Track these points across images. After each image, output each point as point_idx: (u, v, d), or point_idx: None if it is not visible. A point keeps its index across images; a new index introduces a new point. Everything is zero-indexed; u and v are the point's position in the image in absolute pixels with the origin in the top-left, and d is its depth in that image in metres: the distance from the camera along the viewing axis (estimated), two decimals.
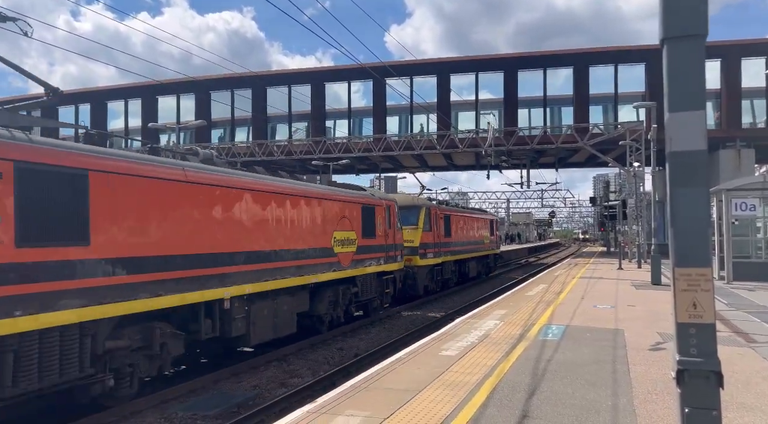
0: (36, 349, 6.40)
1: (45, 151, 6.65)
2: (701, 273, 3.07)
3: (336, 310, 13.84)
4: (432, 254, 21.10)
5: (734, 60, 36.19)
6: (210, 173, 9.39)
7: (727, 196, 18.74)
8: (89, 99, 49.16)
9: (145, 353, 8.07)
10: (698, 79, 3.05)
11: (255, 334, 10.20)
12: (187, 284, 8.50)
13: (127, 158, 7.92)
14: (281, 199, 11.23)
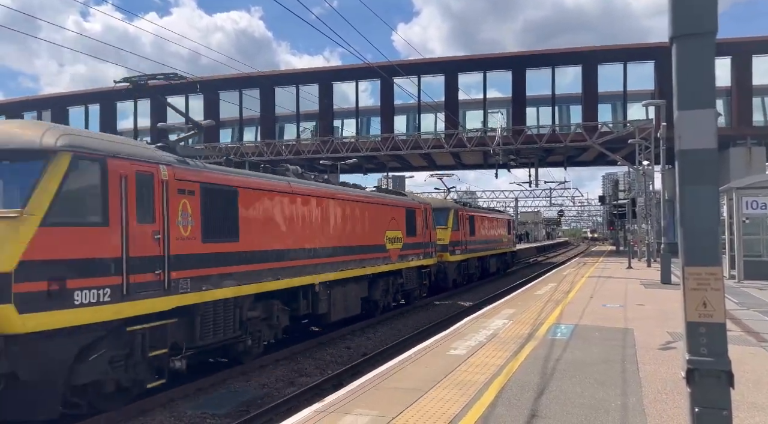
0: (211, 314, 8.87)
1: (215, 176, 9.20)
2: (711, 272, 3.05)
3: (387, 297, 16.32)
4: (459, 251, 23.42)
5: (745, 57, 35.88)
6: (304, 185, 12.04)
7: (738, 195, 18.59)
8: (99, 99, 49.46)
9: (267, 322, 10.59)
10: (708, 76, 3.02)
11: (334, 313, 12.85)
12: (293, 272, 11.07)
13: (257, 176, 10.54)
14: (352, 204, 13.96)
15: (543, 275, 25.62)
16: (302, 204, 11.60)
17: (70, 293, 6.60)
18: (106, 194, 7.18)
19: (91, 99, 50.15)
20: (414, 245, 17.78)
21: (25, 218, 6.37)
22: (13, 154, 6.79)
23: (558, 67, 39.88)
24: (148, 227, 7.73)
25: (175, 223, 8.21)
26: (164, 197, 8.02)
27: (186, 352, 8.45)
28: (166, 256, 7.93)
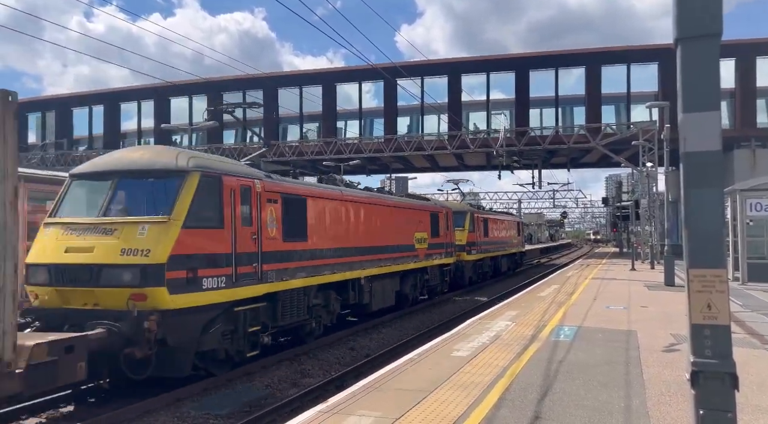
0: (288, 300, 10.88)
1: (291, 187, 11.43)
2: (716, 274, 3.05)
3: (415, 291, 18.21)
4: (475, 251, 25.48)
5: (749, 59, 35.81)
6: (352, 193, 14.29)
7: (742, 197, 18.55)
8: (103, 100, 49.60)
9: (326, 309, 12.63)
10: (713, 79, 3.03)
11: (374, 303, 14.90)
12: (346, 267, 13.10)
13: (319, 187, 12.86)
14: (388, 209, 16.08)
15: (546, 277, 25.59)
16: (351, 210, 13.77)
17: (200, 280, 8.53)
18: (221, 204, 9.17)
19: (96, 100, 50.28)
20: (437, 245, 19.68)
21: (172, 223, 8.27)
22: (157, 173, 8.82)
23: (561, 69, 39.87)
24: (248, 229, 9.74)
25: (265, 226, 10.22)
26: (258, 205, 10.08)
27: (270, 330, 10.51)
28: (260, 252, 9.95)
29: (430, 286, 19.51)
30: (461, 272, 23.73)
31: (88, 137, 50.13)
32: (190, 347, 8.52)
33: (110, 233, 8.23)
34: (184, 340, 8.36)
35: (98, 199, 8.73)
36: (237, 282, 9.22)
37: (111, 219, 8.43)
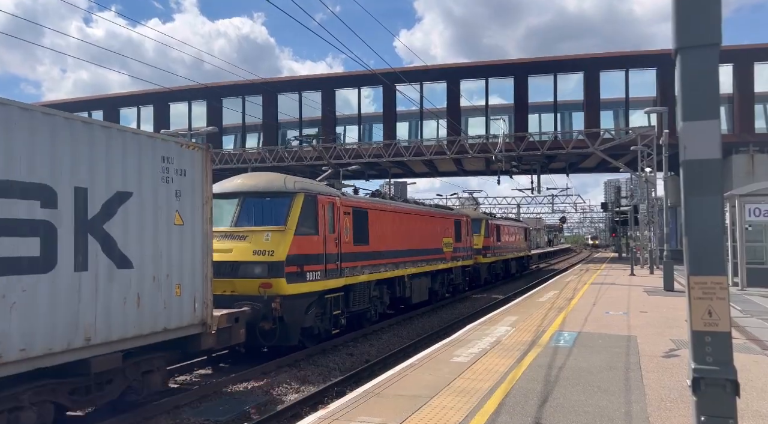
0: (357, 291, 13.92)
1: (357, 202, 14.43)
2: (716, 281, 3.06)
3: (443, 288, 21.34)
4: (490, 254, 28.73)
5: (746, 64, 35.94)
6: (397, 205, 17.39)
7: (741, 202, 18.58)
8: (102, 106, 49.66)
9: (380, 300, 15.75)
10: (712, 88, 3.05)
11: (414, 297, 17.95)
12: (394, 267, 16.18)
13: (375, 200, 16.33)
14: (424, 218, 19.22)
15: (546, 282, 25.60)
16: (398, 219, 16.88)
17: (306, 273, 11.53)
18: (317, 216, 12.17)
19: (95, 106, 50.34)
20: (460, 249, 22.81)
21: (287, 231, 11.31)
22: (273, 194, 11.88)
23: (560, 74, 39.99)
24: (332, 235, 12.68)
25: (343, 233, 13.13)
26: (338, 217, 12.98)
27: (345, 314, 13.40)
28: (340, 253, 12.91)
29: (454, 284, 22.68)
30: (478, 273, 26.72)
31: None
32: (298, 323, 11.44)
33: (243, 239, 11.24)
34: (295, 318, 11.27)
35: (230, 213, 11.63)
36: (327, 276, 12.32)
37: (243, 228, 11.38)
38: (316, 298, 11.94)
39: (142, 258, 7.57)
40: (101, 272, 6.97)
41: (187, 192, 8.49)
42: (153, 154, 7.88)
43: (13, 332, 5.91)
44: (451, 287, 22.37)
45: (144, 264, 7.59)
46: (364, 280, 14.15)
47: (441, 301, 21.04)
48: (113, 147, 7.24)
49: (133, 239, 7.45)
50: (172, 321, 8.00)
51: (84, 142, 6.86)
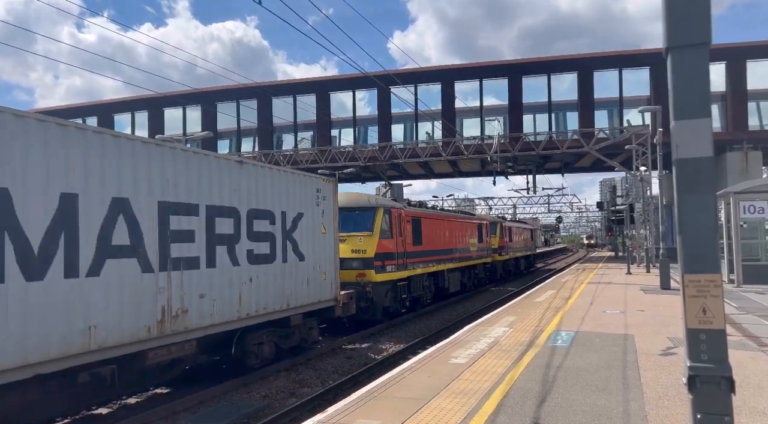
0: (414, 282, 18.25)
1: (414, 212, 19.09)
2: (710, 279, 3.08)
3: (470, 281, 25.73)
4: (504, 253, 33.06)
5: (739, 62, 36.11)
6: (439, 213, 22.64)
7: (735, 199, 18.66)
8: (96, 112, 49.54)
9: (429, 289, 19.88)
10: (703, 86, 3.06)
11: (450, 287, 22.28)
12: (438, 262, 20.49)
13: (423, 209, 20.82)
14: (457, 223, 23.88)
15: (543, 282, 25.63)
16: (440, 225, 21.39)
17: (386, 266, 15.95)
18: (391, 224, 16.68)
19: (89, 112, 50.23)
20: (482, 249, 27.40)
21: (374, 235, 15.70)
22: (362, 208, 16.26)
23: (554, 75, 40.10)
24: (400, 238, 17.15)
25: (406, 236, 17.69)
26: (403, 224, 17.52)
27: (408, 298, 17.82)
28: (405, 252, 17.35)
29: (478, 278, 27.06)
30: (495, 269, 31.03)
31: None
32: (382, 302, 15.82)
33: (344, 241, 14.78)
34: (380, 298, 15.72)
35: None
36: (398, 268, 16.79)
37: (343, 234, 14.89)
38: (391, 285, 16.49)
39: (309, 255, 11.79)
40: (292, 263, 11.20)
41: (327, 211, 12.76)
42: (312, 188, 12.21)
43: (254, 299, 9.97)
44: (475, 280, 26.69)
45: (310, 258, 11.80)
46: (420, 272, 18.76)
47: (468, 292, 25.28)
48: (297, 184, 11.67)
49: (304, 242, 11.66)
50: (322, 296, 12.26)
51: (286, 183, 11.29)
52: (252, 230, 10.09)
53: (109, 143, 7.44)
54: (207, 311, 8.87)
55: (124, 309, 7.43)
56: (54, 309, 6.54)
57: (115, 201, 7.44)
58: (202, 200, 8.97)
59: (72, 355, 6.72)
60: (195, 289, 8.66)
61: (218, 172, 9.37)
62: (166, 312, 8.08)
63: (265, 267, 10.28)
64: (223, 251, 9.34)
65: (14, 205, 6.25)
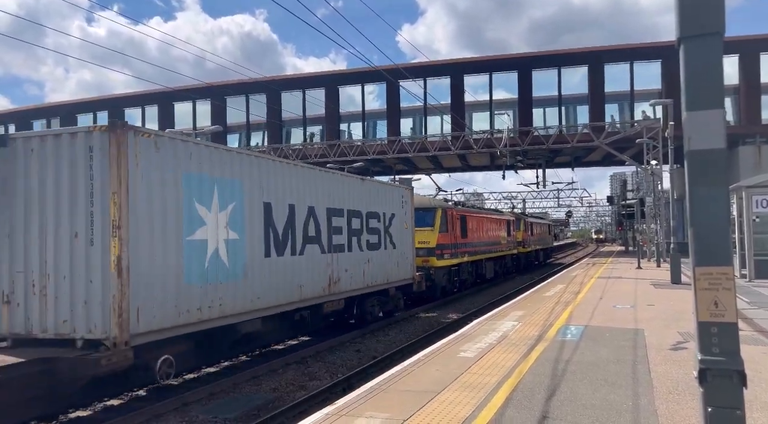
0: (463, 268, 23.32)
1: (461, 211, 23.96)
2: (722, 272, 3.05)
3: (502, 269, 30.22)
4: (526, 245, 36.96)
5: (753, 55, 35.67)
6: (478, 211, 27.67)
7: (748, 193, 18.47)
8: (107, 106, 49.78)
9: (471, 274, 24.63)
10: (716, 77, 3.02)
11: (487, 274, 26.49)
12: (478, 253, 25.00)
13: (468, 208, 26.99)
14: (492, 219, 28.15)
15: (552, 276, 25.54)
16: (479, 221, 25.84)
17: (444, 254, 20.50)
18: (446, 221, 20.93)
19: (100, 106, 50.48)
20: (509, 242, 31.74)
21: (435, 230, 20.22)
22: (426, 209, 20.46)
23: (564, 68, 39.80)
24: (453, 232, 21.29)
25: (456, 230, 21.60)
26: (454, 221, 21.42)
27: (457, 281, 22.25)
28: (456, 243, 21.39)
29: (506, 267, 31.17)
30: (519, 260, 34.75)
31: None
32: (440, 283, 20.29)
33: None
34: (439, 280, 20.05)
35: None
36: (452, 257, 21.28)
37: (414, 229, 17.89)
38: (447, 269, 21.05)
39: (398, 244, 16.07)
40: (389, 250, 15.49)
41: (407, 211, 17.01)
42: (399, 194, 16.69)
43: (370, 274, 14.30)
44: (504, 269, 30.71)
45: (398, 247, 16.10)
46: (466, 260, 23.26)
47: (499, 278, 29.33)
48: (391, 192, 16.20)
49: (395, 235, 15.96)
50: (405, 275, 16.56)
51: (385, 192, 15.73)
52: (369, 226, 14.50)
53: (307, 173, 12.02)
54: (349, 280, 13.33)
55: (313, 276, 11.82)
56: (285, 274, 10.89)
57: (309, 208, 11.83)
58: (344, 206, 13.33)
59: (293, 301, 11.14)
60: (343, 265, 13.06)
61: (352, 187, 13.88)
62: (332, 279, 12.61)
63: (376, 252, 14.74)
64: (355, 241, 13.74)
65: (273, 213, 10.60)
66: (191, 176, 8.65)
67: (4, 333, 7.79)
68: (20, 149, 7.90)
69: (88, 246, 7.49)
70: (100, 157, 7.51)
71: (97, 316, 7.36)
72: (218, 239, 9.16)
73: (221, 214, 9.27)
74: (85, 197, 7.54)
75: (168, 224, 8.18)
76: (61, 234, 7.63)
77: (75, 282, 7.51)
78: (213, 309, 8.87)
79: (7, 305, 7.78)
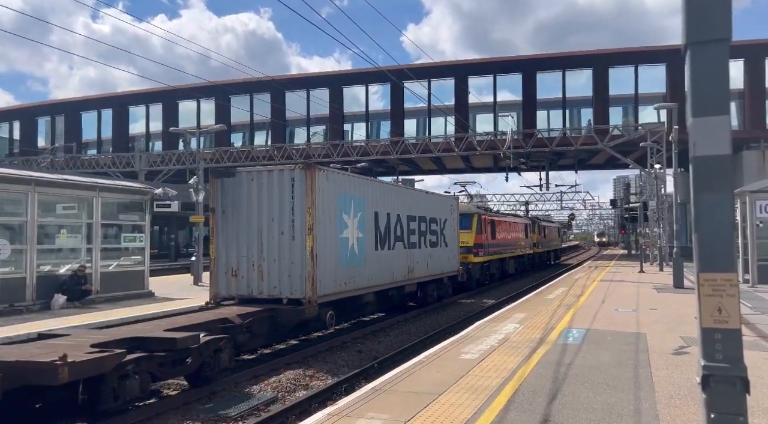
0: (492, 264, 27.55)
1: (490, 216, 28.04)
2: (726, 278, 3.05)
3: (519, 267, 33.54)
4: (540, 246, 40.50)
5: (758, 59, 35.62)
6: (502, 215, 33.40)
7: (752, 198, 18.44)
8: (112, 104, 49.88)
9: (498, 270, 28.69)
10: (722, 83, 3.02)
11: (509, 270, 30.63)
12: (503, 251, 29.31)
13: (493, 213, 31.61)
14: (513, 223, 32.08)
15: (554, 279, 25.52)
16: (504, 224, 29.41)
17: (479, 253, 24.74)
18: (481, 224, 25.10)
19: (104, 104, 50.60)
20: (527, 243, 35.47)
21: (472, 231, 24.42)
22: (465, 214, 23.73)
23: (568, 70, 39.79)
24: (485, 234, 25.50)
25: (487, 233, 25.86)
26: (486, 224, 25.82)
27: (487, 275, 26.50)
28: (488, 243, 25.78)
29: (524, 265, 34.77)
30: (533, 259, 38.28)
31: (97, 141, 50.49)
32: (476, 276, 23.94)
33: None
34: (475, 274, 23.84)
35: None
36: (484, 255, 25.10)
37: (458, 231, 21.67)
38: (480, 265, 24.94)
39: (449, 243, 20.00)
40: (443, 247, 19.43)
41: (455, 216, 20.88)
42: (449, 203, 20.89)
43: (431, 266, 18.38)
44: (521, 267, 34.26)
45: (449, 245, 20.00)
46: (495, 258, 27.39)
47: (517, 275, 32.55)
48: (444, 202, 20.43)
49: (447, 235, 19.79)
50: (453, 268, 20.50)
51: (440, 202, 19.99)
52: (431, 229, 18.55)
53: (395, 189, 17.11)
54: (419, 270, 17.48)
55: (399, 265, 16.09)
56: (385, 263, 15.12)
57: (397, 215, 15.95)
58: (416, 213, 17.44)
59: (388, 282, 15.43)
60: (416, 258, 17.19)
61: (420, 198, 18.25)
62: (410, 268, 16.85)
63: (435, 249, 18.83)
64: (423, 240, 17.81)
65: (378, 219, 14.77)
66: (341, 195, 12.97)
67: (233, 294, 12.16)
68: (244, 178, 12.22)
69: (290, 240, 11.83)
70: (299, 185, 11.78)
71: (297, 284, 11.72)
72: (353, 237, 13.46)
73: (354, 219, 13.51)
74: (288, 209, 11.84)
75: (332, 226, 12.49)
76: (272, 232, 11.94)
77: (281, 263, 11.87)
78: (350, 284, 13.29)
79: (235, 276, 12.18)
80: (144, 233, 17.29)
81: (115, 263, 16.73)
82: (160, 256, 46.02)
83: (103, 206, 15.89)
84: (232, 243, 12.17)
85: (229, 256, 12.24)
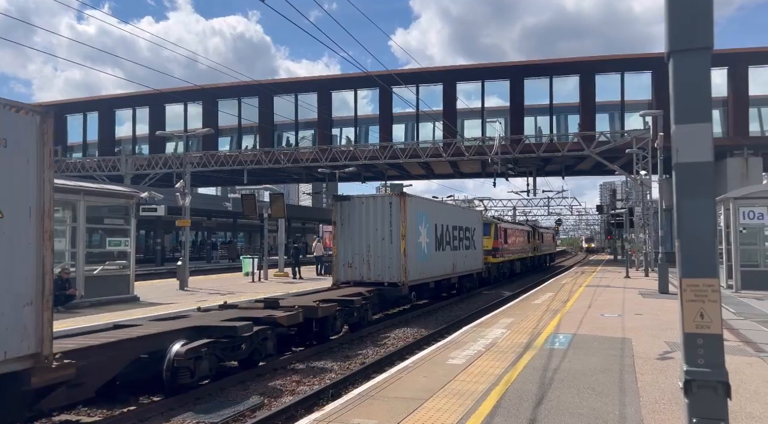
0: (505, 265, 32.65)
1: (504, 224, 34.61)
2: (708, 283, 3.08)
3: (527, 268, 39.18)
4: (538, 250, 45.03)
5: (742, 68, 36.12)
6: (511, 223, 41.71)
7: (735, 205, 18.67)
8: (98, 107, 49.45)
9: (509, 269, 33.74)
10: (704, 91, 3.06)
11: (517, 270, 35.91)
12: (513, 255, 34.69)
13: (508, 223, 38.91)
14: (520, 230, 38.52)
15: (541, 284, 25.64)
16: (513, 231, 35.01)
17: (496, 255, 30.12)
18: (497, 231, 30.59)
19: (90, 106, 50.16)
20: (528, 247, 39.90)
21: (491, 237, 29.58)
22: (486, 224, 29.20)
23: (556, 77, 40.09)
24: (500, 240, 30.98)
25: (501, 238, 31.23)
26: (501, 231, 31.21)
27: (501, 274, 31.34)
28: (502, 247, 31.28)
29: (526, 267, 39.10)
30: (533, 261, 42.79)
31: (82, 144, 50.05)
32: (494, 274, 29.27)
33: None
34: (493, 272, 29.16)
35: None
36: (500, 256, 30.70)
37: None
38: (497, 265, 29.46)
39: (477, 247, 25.47)
40: (472, 250, 24.73)
41: (481, 226, 26.50)
42: (477, 214, 28.04)
43: (465, 264, 23.58)
44: (524, 268, 38.21)
45: (477, 248, 25.53)
46: (507, 260, 32.13)
47: (521, 274, 36.66)
48: (473, 214, 27.89)
49: (476, 240, 25.28)
50: (479, 266, 25.72)
51: (470, 214, 26.68)
52: (466, 236, 23.44)
53: (445, 206, 23.91)
54: (459, 267, 22.35)
55: (447, 263, 21.00)
56: (440, 260, 20.26)
57: (445, 225, 20.85)
58: (457, 223, 22.42)
59: (441, 274, 20.44)
60: (457, 258, 22.01)
61: (459, 212, 24.12)
62: (454, 265, 21.76)
63: (468, 251, 23.79)
64: (460, 243, 22.56)
65: (437, 228, 19.97)
66: (417, 212, 18.24)
67: (348, 279, 17.55)
68: (356, 201, 17.70)
69: (389, 243, 17.17)
70: (395, 207, 17.18)
71: (394, 272, 17.07)
72: (423, 242, 18.65)
73: (424, 229, 18.68)
74: (388, 223, 17.19)
75: (413, 234, 17.69)
76: (376, 238, 17.31)
77: (384, 259, 17.22)
78: (423, 274, 18.54)
79: (350, 267, 17.60)
80: (129, 237, 17.14)
81: (100, 267, 16.55)
82: (146, 260, 45.62)
83: (88, 210, 15.72)
84: (348, 245, 17.61)
85: (346, 253, 17.66)
